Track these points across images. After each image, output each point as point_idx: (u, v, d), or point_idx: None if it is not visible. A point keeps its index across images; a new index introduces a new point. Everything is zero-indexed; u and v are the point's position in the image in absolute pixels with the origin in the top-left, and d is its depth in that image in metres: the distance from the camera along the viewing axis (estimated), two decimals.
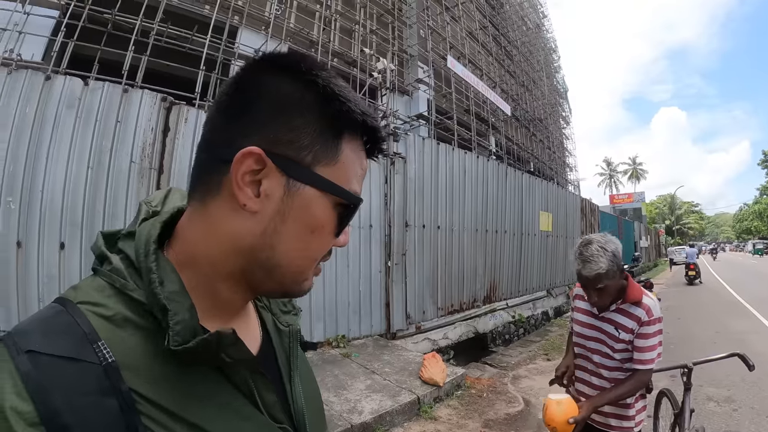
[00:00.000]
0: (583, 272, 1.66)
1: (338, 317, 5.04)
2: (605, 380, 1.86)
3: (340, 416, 3.29)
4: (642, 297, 1.75)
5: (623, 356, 1.80)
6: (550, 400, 1.68)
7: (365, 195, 5.33)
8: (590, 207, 13.38)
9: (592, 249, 1.67)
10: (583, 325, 1.93)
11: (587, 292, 1.75)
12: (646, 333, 1.73)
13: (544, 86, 19.00)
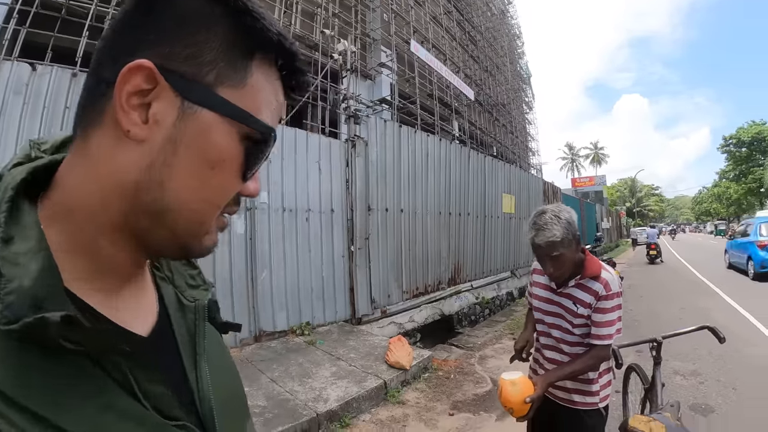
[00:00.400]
0: (537, 240, 1.60)
1: (301, 304, 4.91)
2: (566, 355, 1.82)
3: (305, 405, 3.18)
4: (600, 271, 1.72)
5: (583, 331, 1.76)
6: (504, 380, 1.62)
7: (326, 178, 5.22)
8: (552, 189, 13.67)
9: (545, 217, 1.62)
10: (542, 300, 1.88)
11: (542, 263, 1.70)
12: (604, 308, 1.69)
13: (507, 72, 19.12)
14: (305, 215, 5.03)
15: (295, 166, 4.97)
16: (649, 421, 1.65)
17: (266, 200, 4.69)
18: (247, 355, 4.19)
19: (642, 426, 1.63)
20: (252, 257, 4.53)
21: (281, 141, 4.88)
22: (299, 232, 4.96)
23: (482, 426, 3.37)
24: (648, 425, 1.63)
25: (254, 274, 4.53)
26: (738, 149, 40.87)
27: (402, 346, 4.31)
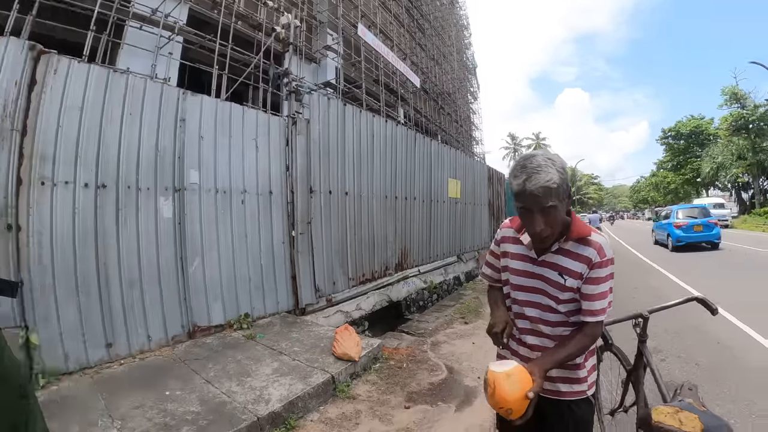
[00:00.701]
0: (529, 186, 1.30)
1: (239, 295, 4.46)
2: (547, 338, 1.54)
3: (243, 409, 2.78)
4: (591, 233, 1.44)
5: (569, 308, 1.49)
6: (495, 373, 1.30)
7: (263, 157, 4.74)
8: (496, 176, 13.83)
9: (537, 160, 1.34)
10: (517, 273, 1.57)
11: (530, 219, 1.37)
12: (597, 277, 1.43)
13: (454, 61, 19.19)
14: (241, 197, 4.55)
15: (230, 143, 4.49)
16: (676, 412, 1.39)
17: (197, 180, 4.18)
18: (179, 353, 3.72)
19: (669, 420, 1.37)
20: (182, 244, 4.03)
21: (215, 116, 4.39)
22: (234, 215, 4.48)
23: (441, 418, 3.13)
24: (676, 417, 1.38)
25: (185, 262, 4.04)
26: (676, 141, 44.06)
27: (349, 336, 4.00)
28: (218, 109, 4.43)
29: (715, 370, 4.03)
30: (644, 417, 1.45)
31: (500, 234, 1.70)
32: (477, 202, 11.17)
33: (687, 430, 1.33)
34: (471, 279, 9.68)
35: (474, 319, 6.06)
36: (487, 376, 1.32)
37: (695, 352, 4.48)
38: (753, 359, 4.36)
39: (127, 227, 3.70)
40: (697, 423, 1.33)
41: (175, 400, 2.89)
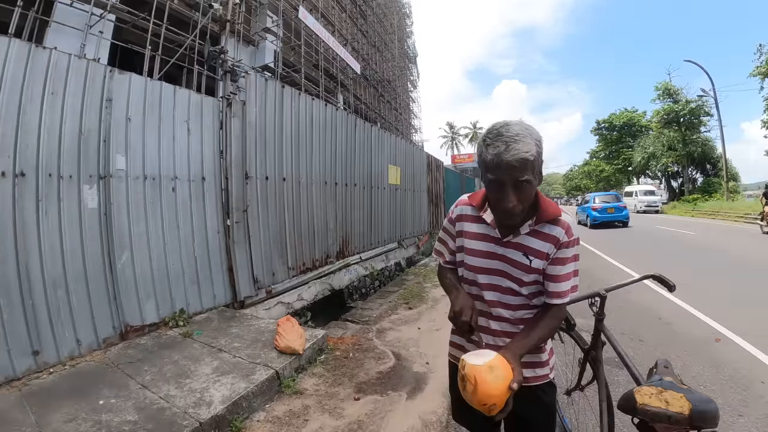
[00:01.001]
0: (506, 156, 1.19)
1: (173, 290, 4.12)
2: (507, 322, 1.46)
3: (184, 414, 2.56)
4: (561, 213, 1.38)
5: (531, 290, 1.43)
6: (477, 367, 1.17)
7: (196, 141, 4.39)
8: (436, 163, 13.97)
9: (514, 128, 1.23)
10: (477, 254, 1.47)
11: (503, 193, 1.26)
12: (564, 257, 1.38)
13: (395, 49, 19.15)
14: (171, 184, 4.18)
15: (160, 125, 4.09)
16: (660, 393, 1.34)
17: (124, 166, 3.77)
18: (112, 357, 3.38)
19: (655, 401, 1.32)
20: (109, 237, 3.64)
21: (144, 96, 3.98)
22: (165, 204, 4.11)
23: (393, 408, 3.06)
24: (661, 398, 1.32)
25: (113, 257, 3.65)
26: (610, 132, 47.11)
27: (292, 328, 3.82)
28: (148, 88, 4.01)
29: (659, 345, 4.33)
30: (628, 399, 1.39)
31: (456, 212, 1.57)
32: (417, 189, 11.24)
33: (675, 410, 1.28)
34: (412, 264, 9.76)
35: (418, 304, 6.09)
36: (466, 370, 1.19)
37: (638, 328, 4.79)
38: (693, 333, 4.73)
39: (49, 220, 3.28)
40: (685, 402, 1.28)
41: (110, 410, 2.61)
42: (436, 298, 6.43)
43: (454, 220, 1.57)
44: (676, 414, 1.26)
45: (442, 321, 5.16)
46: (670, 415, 1.26)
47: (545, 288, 1.42)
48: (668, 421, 1.27)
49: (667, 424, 1.28)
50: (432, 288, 7.11)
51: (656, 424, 1.33)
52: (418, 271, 8.73)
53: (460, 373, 1.22)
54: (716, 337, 4.54)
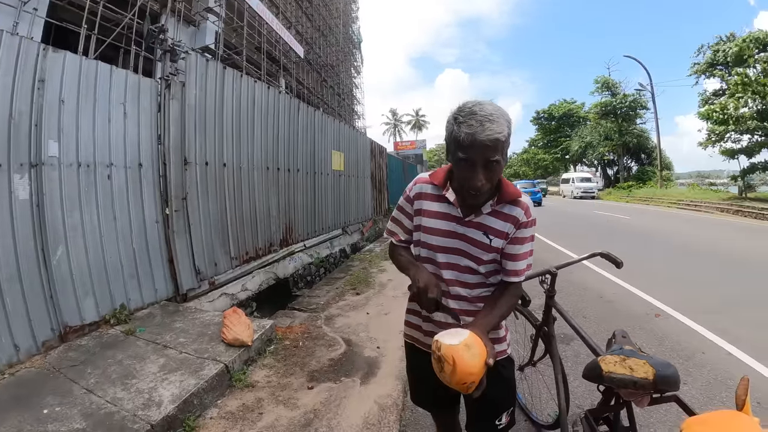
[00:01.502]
0: (480, 136, 1.20)
1: (112, 286, 3.85)
2: (465, 301, 1.48)
3: (134, 417, 2.43)
4: (521, 194, 1.42)
5: (488, 269, 1.46)
6: (454, 347, 1.16)
7: (132, 124, 4.10)
8: (379, 149, 13.97)
9: (488, 108, 1.23)
10: (436, 233, 1.47)
11: (472, 172, 1.27)
12: (523, 237, 1.42)
13: (339, 34, 18.74)
14: (107, 171, 3.87)
15: (94, 108, 3.76)
16: (623, 360, 1.41)
17: (56, 153, 3.43)
18: (53, 361, 3.11)
19: (619, 368, 1.38)
20: (42, 230, 3.31)
21: (79, 76, 3.63)
22: (100, 193, 3.81)
23: (348, 394, 3.10)
24: (625, 365, 1.39)
25: (47, 253, 3.33)
26: (549, 122, 49.19)
27: (239, 319, 3.73)
28: (83, 68, 3.66)
29: (601, 322, 4.66)
30: (593, 368, 1.45)
31: (415, 190, 1.54)
32: (360, 175, 11.22)
33: (640, 376, 1.34)
34: (357, 251, 9.79)
35: (365, 289, 6.15)
36: (442, 351, 1.17)
37: (581, 306, 5.12)
38: (634, 309, 5.12)
39: None
40: (648, 368, 1.35)
41: (56, 419, 2.42)
42: (383, 282, 6.52)
43: (412, 198, 1.55)
44: (641, 379, 1.33)
45: (391, 305, 5.26)
46: (635, 380, 1.34)
47: (503, 267, 1.46)
48: (634, 387, 1.35)
49: (632, 389, 1.36)
50: (378, 273, 7.20)
51: (621, 390, 1.42)
52: (364, 257, 8.79)
53: (435, 355, 1.21)
54: (656, 312, 4.95)
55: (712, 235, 11.79)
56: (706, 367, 3.55)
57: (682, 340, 4.17)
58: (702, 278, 6.61)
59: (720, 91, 25.28)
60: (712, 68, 26.22)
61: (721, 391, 3.13)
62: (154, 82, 4.42)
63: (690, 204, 22.33)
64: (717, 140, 23.05)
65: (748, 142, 22.11)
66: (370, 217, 12.01)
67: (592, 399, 2.93)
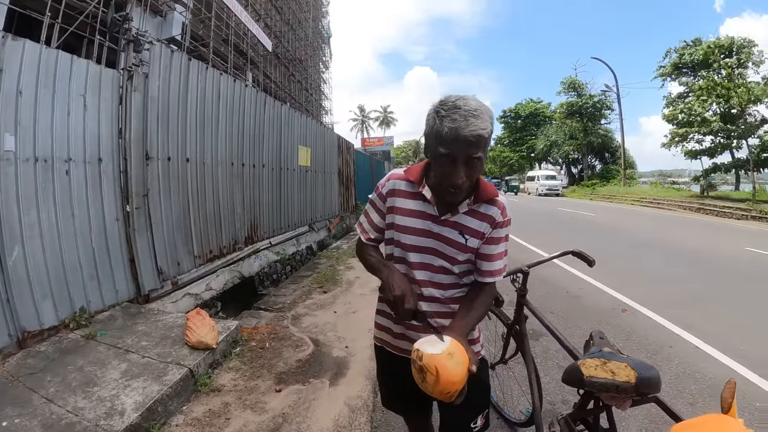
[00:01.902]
0: (464, 132, 1.15)
1: (71, 288, 3.65)
2: (438, 302, 1.44)
3: (96, 427, 2.32)
4: (498, 194, 1.40)
5: (463, 269, 1.42)
6: (436, 356, 1.12)
7: (92, 117, 3.93)
8: (346, 145, 13.87)
9: (472, 103, 1.19)
10: (411, 231, 1.41)
11: (453, 169, 1.22)
12: (498, 237, 1.40)
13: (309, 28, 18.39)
14: (65, 167, 3.66)
15: (54, 99, 3.55)
16: (604, 364, 1.38)
17: (13, 147, 3.22)
18: (11, 369, 2.93)
19: (601, 372, 1.36)
20: None
21: (38, 66, 3.42)
22: (59, 190, 3.60)
23: (317, 396, 3.08)
24: (607, 369, 1.36)
25: (2, 253, 3.13)
26: (515, 121, 50.11)
27: (203, 321, 3.62)
28: (43, 57, 3.44)
29: (569, 317, 4.79)
30: (573, 372, 1.42)
31: (388, 186, 1.47)
32: (328, 171, 11.12)
33: (622, 380, 1.31)
34: (324, 248, 9.74)
35: (332, 287, 6.12)
36: (424, 361, 1.12)
37: (548, 301, 5.24)
38: (600, 304, 5.28)
39: None
40: (630, 371, 1.33)
41: None
42: (350, 280, 6.51)
43: (384, 195, 1.48)
44: (623, 383, 1.31)
45: (358, 303, 5.26)
46: (617, 384, 1.32)
47: (478, 267, 1.43)
48: (616, 391, 1.32)
49: (614, 393, 1.34)
50: (345, 270, 7.18)
51: (603, 394, 1.40)
52: (331, 254, 8.74)
53: (416, 365, 1.16)
54: (623, 307, 5.14)
55: (675, 231, 12.38)
56: (674, 360, 3.72)
57: (650, 334, 4.35)
58: (667, 274, 6.93)
59: (684, 94, 26.55)
60: (678, 71, 27.54)
61: (689, 384, 3.30)
62: (116, 73, 4.21)
63: (653, 201, 23.43)
64: (680, 141, 24.30)
65: (711, 143, 23.46)
66: (337, 214, 11.94)
67: (563, 395, 3.06)
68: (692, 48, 25.99)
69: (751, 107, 20.33)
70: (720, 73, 21.83)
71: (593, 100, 36.43)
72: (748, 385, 3.32)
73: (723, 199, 20.64)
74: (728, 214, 17.07)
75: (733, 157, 23.73)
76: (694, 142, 24.17)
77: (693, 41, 26.85)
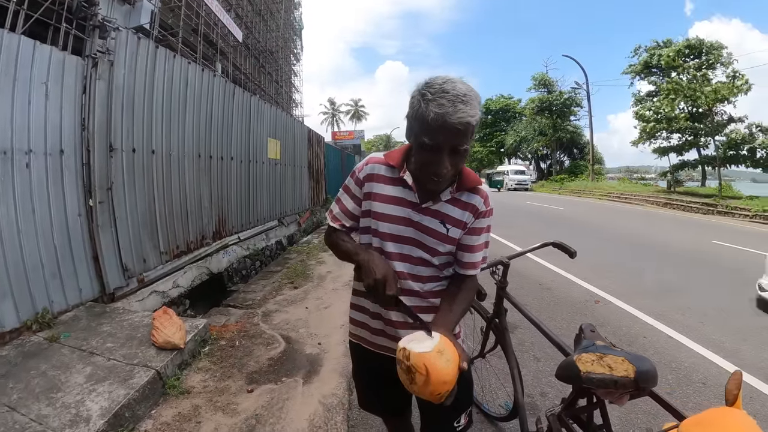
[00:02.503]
0: (452, 119, 1.07)
1: (32, 287, 3.47)
2: (417, 296, 1.36)
3: None
4: (481, 182, 1.34)
5: (443, 260, 1.36)
6: (426, 355, 1.03)
7: (54, 107, 3.75)
8: (317, 138, 13.72)
9: (460, 87, 1.10)
10: (390, 219, 1.32)
11: (438, 158, 1.15)
12: (480, 227, 1.34)
13: (281, 19, 17.92)
14: (25, 159, 3.46)
15: (13, 88, 3.34)
16: (601, 358, 1.32)
17: None
18: None
19: (598, 367, 1.30)
20: None
21: None
22: (19, 184, 3.40)
23: (290, 395, 3.04)
24: (604, 363, 1.30)
25: None
26: (485, 116, 50.67)
27: (170, 320, 3.52)
28: (4, 43, 3.24)
29: (543, 309, 4.87)
30: (569, 368, 1.36)
31: (366, 171, 1.38)
32: (298, 164, 10.98)
33: (621, 374, 1.25)
34: (294, 243, 9.63)
35: (303, 282, 6.06)
36: (412, 361, 1.04)
37: (521, 294, 5.31)
38: (573, 296, 5.38)
39: None
40: (629, 365, 1.26)
41: None
42: (322, 275, 6.47)
43: (361, 180, 1.39)
44: (622, 378, 1.24)
45: (330, 298, 5.23)
46: (616, 380, 1.25)
47: (459, 259, 1.37)
48: (615, 387, 1.26)
49: (613, 389, 1.27)
50: (317, 265, 7.13)
51: (599, 390, 1.34)
52: (301, 249, 8.65)
53: (403, 365, 1.06)
54: (596, 299, 5.27)
55: (643, 226, 12.82)
56: (649, 350, 3.85)
57: (623, 325, 4.49)
58: (636, 266, 7.17)
59: (653, 92, 27.34)
60: (648, 70, 28.35)
61: (666, 374, 3.42)
62: (80, 60, 4.00)
63: (621, 197, 24.17)
64: (649, 138, 25.09)
65: (679, 140, 24.39)
66: (308, 208, 11.82)
67: (542, 387, 3.15)
68: (662, 49, 26.87)
69: (719, 106, 21.20)
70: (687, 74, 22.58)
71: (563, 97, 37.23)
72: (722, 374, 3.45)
73: (690, 195, 21.51)
74: (695, 209, 17.79)
75: (700, 154, 24.68)
76: (662, 139, 25.16)
77: (664, 42, 27.80)
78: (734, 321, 4.59)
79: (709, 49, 23.31)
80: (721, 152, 20.85)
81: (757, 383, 3.29)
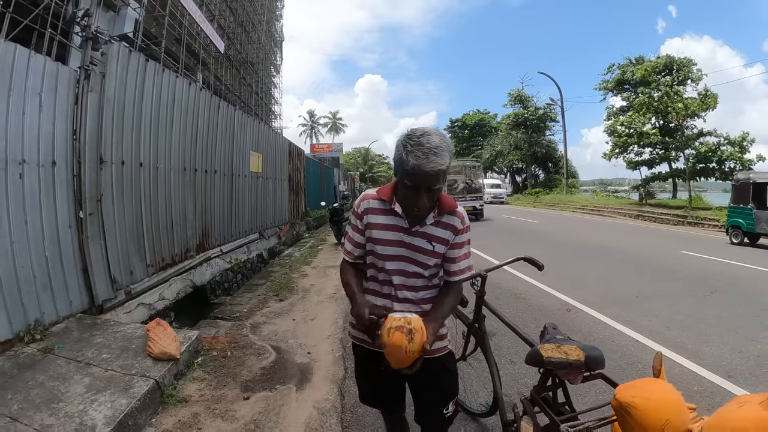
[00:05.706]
0: (426, 167, 1.35)
1: (24, 299, 3.43)
2: (411, 303, 1.65)
3: None
4: (457, 206, 1.62)
5: (432, 272, 1.65)
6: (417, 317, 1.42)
7: (47, 118, 3.79)
8: (297, 151, 13.76)
9: (434, 140, 1.38)
10: (386, 243, 1.60)
11: (416, 197, 1.44)
12: (461, 242, 1.63)
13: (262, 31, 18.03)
14: (19, 170, 3.45)
15: (8, 98, 3.35)
16: (559, 347, 1.67)
17: None
18: None
19: (557, 353, 1.65)
20: None
21: None
22: (12, 195, 3.38)
23: (285, 401, 3.13)
24: (561, 350, 1.65)
25: None
26: (462, 131, 51.25)
27: (165, 332, 3.57)
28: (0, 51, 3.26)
29: (517, 317, 5.03)
30: (535, 355, 1.70)
31: (363, 206, 1.67)
32: (278, 177, 11.00)
33: (574, 358, 1.61)
34: (275, 255, 9.62)
35: (288, 295, 6.12)
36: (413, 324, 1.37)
37: (498, 303, 5.37)
38: (546, 305, 5.57)
39: None
40: (580, 352, 1.63)
41: None
42: (306, 288, 6.54)
43: (360, 214, 1.68)
44: (575, 361, 1.61)
45: (316, 310, 5.31)
46: (571, 362, 1.61)
47: (446, 269, 1.66)
48: (569, 368, 1.62)
49: (568, 369, 1.63)
50: (300, 278, 7.18)
51: (559, 371, 1.69)
52: (283, 262, 8.66)
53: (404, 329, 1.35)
54: (567, 308, 5.47)
55: (615, 237, 13.27)
56: (617, 353, 4.05)
57: (593, 331, 4.69)
58: (607, 276, 7.44)
59: (626, 107, 28.30)
60: (620, 86, 29.48)
61: (632, 373, 3.59)
62: (73, 71, 4.03)
63: (594, 209, 24.81)
64: (621, 152, 25.88)
65: (650, 154, 25.21)
66: (288, 221, 11.82)
67: (518, 387, 3.31)
68: (634, 66, 28.04)
69: (689, 121, 22.16)
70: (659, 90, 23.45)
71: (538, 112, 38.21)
72: (685, 373, 3.67)
73: (661, 207, 22.34)
74: (665, 220, 18.49)
75: (671, 167, 25.63)
76: (634, 153, 25.94)
77: (636, 59, 29.01)
78: (697, 325, 4.86)
79: (679, 66, 24.39)
80: (691, 165, 21.68)
81: (719, 380, 3.53)
